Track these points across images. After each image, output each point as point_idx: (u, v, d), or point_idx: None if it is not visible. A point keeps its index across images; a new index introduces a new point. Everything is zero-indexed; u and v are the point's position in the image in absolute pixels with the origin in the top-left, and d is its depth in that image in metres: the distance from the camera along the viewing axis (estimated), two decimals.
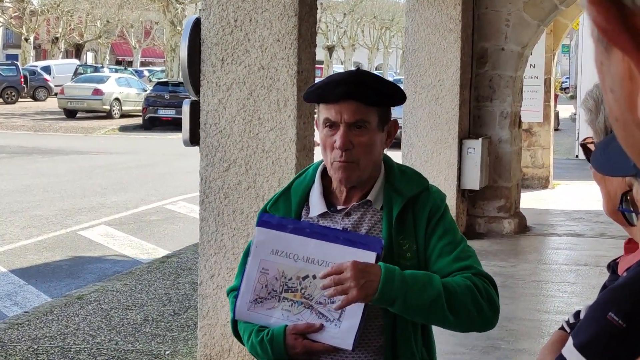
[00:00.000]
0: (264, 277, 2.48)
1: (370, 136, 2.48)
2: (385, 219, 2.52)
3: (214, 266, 5.46)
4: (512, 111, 11.02)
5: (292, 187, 2.63)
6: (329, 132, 2.48)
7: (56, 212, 13.21)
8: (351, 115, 2.45)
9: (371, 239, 2.45)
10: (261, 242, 2.50)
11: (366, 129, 2.47)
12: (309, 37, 5.42)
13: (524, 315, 7.43)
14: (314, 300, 2.43)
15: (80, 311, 7.64)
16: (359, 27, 69.86)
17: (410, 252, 2.50)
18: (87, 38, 59.85)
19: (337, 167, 2.48)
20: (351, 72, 2.54)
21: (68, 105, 33.86)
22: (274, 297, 2.46)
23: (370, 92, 2.47)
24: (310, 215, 2.57)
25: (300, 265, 2.45)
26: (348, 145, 2.45)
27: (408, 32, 10.41)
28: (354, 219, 2.53)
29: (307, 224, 2.50)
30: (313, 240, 2.45)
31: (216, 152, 5.39)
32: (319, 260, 2.44)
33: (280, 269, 2.47)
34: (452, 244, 2.51)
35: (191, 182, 16.35)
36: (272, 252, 2.48)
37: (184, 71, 5.45)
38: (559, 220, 12.40)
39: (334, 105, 2.46)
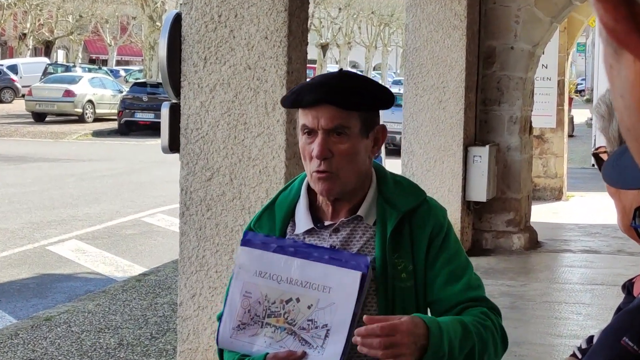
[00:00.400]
0: (247, 301, 2.48)
1: (352, 143, 2.46)
2: (379, 236, 2.50)
3: (195, 285, 5.45)
4: (522, 116, 11.04)
5: (277, 202, 2.62)
6: (307, 140, 2.47)
7: (23, 225, 13.19)
8: (329, 121, 2.43)
9: (357, 257, 2.45)
10: (244, 263, 2.51)
11: (347, 136, 2.45)
12: (299, 34, 5.43)
13: (535, 339, 7.43)
14: (297, 325, 2.43)
15: (49, 334, 7.62)
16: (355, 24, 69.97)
17: (406, 272, 2.50)
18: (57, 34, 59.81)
19: (316, 179, 2.47)
20: (331, 74, 2.54)
21: (36, 107, 33.84)
22: (257, 322, 2.47)
23: (350, 95, 2.45)
24: (296, 232, 2.56)
25: (284, 288, 2.45)
26: (326, 154, 2.43)
27: (409, 29, 10.43)
28: (343, 235, 2.52)
29: (291, 242, 2.50)
30: (296, 260, 2.45)
31: (198, 160, 5.39)
32: (302, 282, 2.44)
33: (264, 292, 2.47)
34: (459, 269, 2.53)
35: (171, 193, 16.33)
36: (256, 274, 2.49)
37: (163, 71, 5.45)
38: (573, 235, 12.42)
39: (310, 110, 2.44)
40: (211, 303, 5.43)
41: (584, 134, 30.87)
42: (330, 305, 2.41)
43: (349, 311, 2.40)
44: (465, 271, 2.54)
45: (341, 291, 2.41)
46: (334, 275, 2.40)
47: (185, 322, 5.50)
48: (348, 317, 2.40)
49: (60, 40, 62.50)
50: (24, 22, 55.21)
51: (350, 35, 68.60)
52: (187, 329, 5.50)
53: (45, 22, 57.98)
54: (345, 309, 2.41)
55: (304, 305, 2.42)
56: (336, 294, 2.42)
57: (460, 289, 2.50)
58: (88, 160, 22.59)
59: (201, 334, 5.47)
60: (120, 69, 55.40)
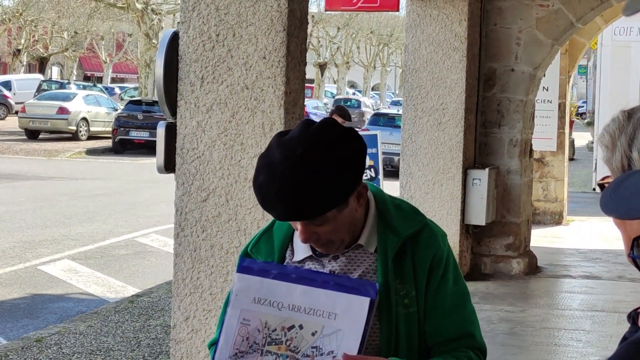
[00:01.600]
0: (245, 328, 2.47)
1: (335, 222, 2.41)
2: (381, 262, 2.50)
3: (189, 307, 5.45)
4: (523, 139, 11.07)
5: (275, 227, 2.62)
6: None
7: (14, 244, 13.17)
8: (303, 227, 2.40)
9: (364, 283, 2.45)
10: (241, 290, 2.49)
11: (328, 222, 2.40)
12: (298, 54, 5.44)
13: None
14: (301, 352, 2.43)
15: (39, 356, 7.60)
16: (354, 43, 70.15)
17: (409, 298, 2.50)
18: (52, 50, 59.92)
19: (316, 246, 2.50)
20: (283, 179, 2.32)
21: (30, 124, 33.86)
22: (256, 350, 2.45)
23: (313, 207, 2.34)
24: (295, 259, 2.56)
25: (286, 315, 2.45)
26: (313, 237, 2.43)
27: (408, 49, 10.46)
28: (343, 261, 2.52)
29: (292, 269, 2.50)
30: (299, 287, 2.44)
31: (194, 180, 5.39)
32: (305, 309, 2.43)
33: (263, 319, 2.46)
34: (456, 302, 2.53)
35: (165, 213, 16.34)
36: (254, 301, 2.47)
37: (159, 90, 5.45)
38: (573, 260, 12.42)
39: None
40: (205, 326, 5.42)
41: (584, 158, 30.90)
42: (337, 331, 2.40)
43: (357, 337, 2.40)
44: (463, 304, 2.53)
45: (348, 317, 2.40)
46: (340, 301, 2.40)
47: (178, 345, 5.49)
48: (356, 343, 2.40)
49: (55, 57, 62.61)
50: (18, 37, 55.30)
51: (349, 55, 68.76)
52: (180, 352, 5.49)
53: (40, 38, 58.09)
54: (352, 335, 2.40)
55: (307, 332, 2.41)
56: (343, 320, 2.41)
57: (455, 323, 2.51)
58: (81, 178, 22.59)
59: (194, 357, 5.46)
60: (115, 87, 55.47)
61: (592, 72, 42.99)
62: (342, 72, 68.02)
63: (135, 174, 24.17)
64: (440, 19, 10.27)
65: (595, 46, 23.02)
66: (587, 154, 31.68)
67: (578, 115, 51.18)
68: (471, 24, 10.35)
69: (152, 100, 33.01)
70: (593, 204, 19.08)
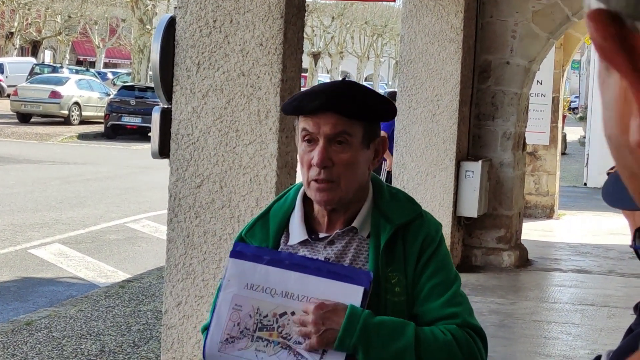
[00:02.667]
0: (237, 314, 2.48)
1: (353, 153, 2.46)
2: (372, 249, 2.50)
3: (181, 293, 5.45)
4: (516, 132, 11.08)
5: (271, 211, 2.62)
6: (307, 147, 2.47)
7: (4, 227, 13.15)
8: (331, 128, 2.43)
9: (359, 272, 2.45)
10: (234, 275, 2.50)
11: (348, 145, 2.45)
12: (295, 42, 5.44)
13: (523, 358, 7.45)
14: (293, 339, 2.43)
15: (29, 339, 7.59)
16: (348, 33, 70.09)
17: (399, 286, 2.49)
18: (45, 34, 59.71)
19: (315, 188, 2.47)
20: (335, 82, 2.55)
21: (22, 108, 33.76)
22: (247, 336, 2.46)
23: (354, 104, 2.45)
24: (290, 243, 2.56)
25: (278, 301, 2.45)
26: (327, 163, 2.44)
27: (404, 40, 10.45)
28: (338, 248, 2.52)
29: (285, 255, 2.50)
30: (293, 273, 2.45)
31: (188, 166, 5.39)
32: (299, 296, 2.44)
33: (255, 305, 2.47)
34: (443, 284, 2.51)
35: (156, 199, 16.33)
36: (247, 287, 2.48)
37: (155, 75, 5.45)
38: (564, 254, 12.45)
39: (312, 117, 2.45)
40: (197, 312, 5.43)
41: (576, 152, 30.97)
42: None
43: None
44: (450, 288, 2.52)
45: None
46: (334, 290, 2.41)
47: (169, 330, 5.49)
48: None
49: (48, 41, 62.40)
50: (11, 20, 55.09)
51: (343, 45, 68.70)
52: (171, 338, 5.49)
53: (33, 21, 57.89)
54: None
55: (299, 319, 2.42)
56: None
57: (440, 304, 2.49)
58: (73, 163, 22.54)
59: (186, 343, 5.46)
60: (108, 72, 55.33)
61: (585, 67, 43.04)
62: (335, 62, 67.97)
63: (127, 160, 24.13)
64: (436, 10, 10.26)
65: (590, 41, 23.00)
66: (578, 149, 31.73)
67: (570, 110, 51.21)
68: (467, 15, 10.34)
69: (145, 86, 32.97)
70: (584, 199, 19.13)
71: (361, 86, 2.55)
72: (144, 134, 30.73)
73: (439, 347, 2.40)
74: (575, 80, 59.38)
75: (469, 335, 2.45)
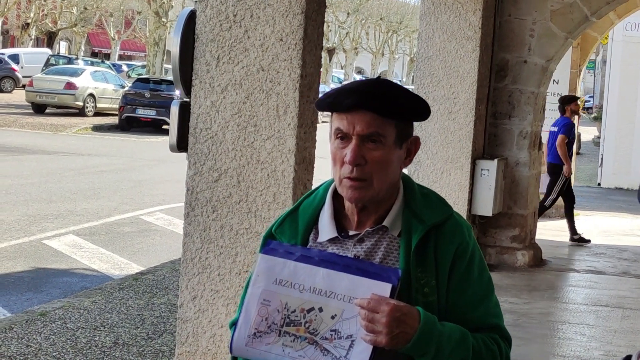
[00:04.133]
0: (265, 309, 2.48)
1: (386, 152, 2.45)
2: (403, 248, 2.49)
3: (197, 287, 5.44)
4: (532, 131, 11.04)
5: (300, 208, 2.61)
6: (340, 145, 2.47)
7: (19, 217, 13.18)
8: (365, 127, 2.43)
9: (387, 269, 2.44)
10: (264, 271, 2.50)
11: (381, 144, 2.44)
12: (315, 37, 5.42)
13: (537, 358, 7.43)
14: (320, 335, 2.42)
15: (43, 329, 7.61)
16: (363, 29, 70.05)
17: (429, 287, 2.48)
18: (61, 25, 59.84)
19: (347, 185, 2.46)
20: (369, 80, 2.52)
21: (37, 99, 33.84)
22: (274, 330, 2.46)
23: (388, 103, 2.44)
24: (319, 240, 2.55)
25: (306, 297, 2.45)
26: (360, 161, 2.43)
27: (421, 37, 10.42)
28: (367, 245, 2.51)
29: (315, 252, 2.49)
30: (322, 270, 2.44)
31: (206, 160, 5.38)
32: (326, 292, 2.43)
33: (284, 300, 2.47)
34: (482, 293, 2.52)
35: (170, 192, 16.35)
36: (276, 282, 2.48)
37: (174, 69, 5.44)
38: (578, 254, 12.42)
39: (346, 115, 2.44)
40: (212, 306, 5.42)
41: (590, 152, 30.89)
42: (356, 316, 2.40)
43: None
44: (487, 296, 2.53)
45: None
46: (362, 286, 2.40)
47: (184, 324, 5.48)
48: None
49: (63, 32, 62.54)
50: (27, 11, 55.24)
51: (358, 41, 68.67)
52: (186, 332, 5.48)
53: (49, 12, 58.02)
54: None
55: (327, 315, 2.42)
56: None
57: (480, 314, 2.50)
58: (87, 154, 22.58)
59: (200, 337, 5.45)
60: (123, 64, 55.41)
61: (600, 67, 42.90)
62: (350, 57, 67.94)
63: (141, 152, 24.17)
64: (454, 7, 10.22)
65: (606, 41, 22.94)
66: (593, 149, 31.66)
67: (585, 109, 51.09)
68: (486, 13, 10.31)
69: (159, 79, 33.01)
70: (598, 199, 19.09)
71: (396, 85, 2.53)
72: (158, 126, 30.78)
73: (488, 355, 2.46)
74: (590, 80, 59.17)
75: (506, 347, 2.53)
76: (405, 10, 70.21)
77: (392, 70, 76.48)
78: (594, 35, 15.52)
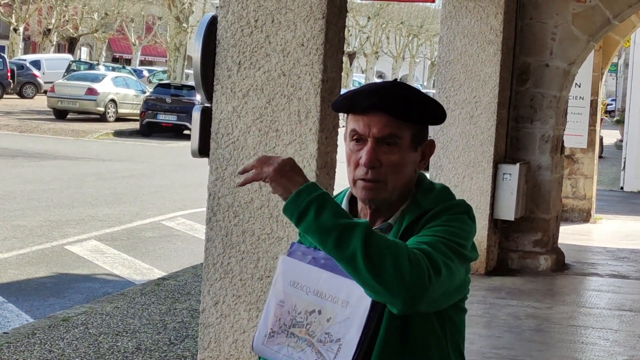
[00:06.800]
0: (280, 309, 2.53)
1: (402, 155, 2.45)
2: (395, 229, 2.49)
3: (219, 292, 5.45)
4: (555, 135, 11.00)
5: None
6: (355, 147, 2.47)
7: (41, 223, 13.24)
8: (381, 129, 2.43)
9: None
10: (282, 272, 2.55)
11: (397, 147, 2.45)
12: (336, 42, 5.42)
13: None
14: (316, 337, 2.47)
15: (66, 335, 7.63)
16: (383, 33, 70.04)
17: None
18: (82, 31, 60.16)
19: (361, 186, 2.47)
20: (387, 82, 2.53)
21: (58, 104, 34.02)
22: (284, 331, 2.52)
23: (405, 106, 2.45)
24: None
25: (310, 299, 2.49)
26: (375, 163, 2.43)
27: (442, 41, 10.41)
28: None
29: (322, 254, 2.50)
30: (325, 273, 2.48)
31: (227, 166, 5.39)
32: (326, 295, 2.48)
33: (294, 302, 2.52)
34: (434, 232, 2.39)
35: (191, 197, 16.39)
36: (290, 284, 2.53)
37: (196, 74, 5.46)
38: (601, 259, 12.36)
39: (362, 116, 2.44)
40: (234, 311, 5.43)
41: (613, 156, 30.75)
42: (345, 320, 2.43)
43: (358, 327, 2.42)
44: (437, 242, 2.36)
45: (358, 308, 2.43)
46: (352, 290, 2.42)
47: (207, 329, 5.49)
48: (357, 333, 2.42)
49: (85, 38, 62.87)
50: (48, 17, 55.56)
51: (378, 45, 68.67)
52: (208, 337, 5.49)
53: (70, 18, 58.34)
54: (355, 324, 2.42)
55: (323, 318, 2.46)
56: (352, 310, 2.43)
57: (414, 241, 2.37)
58: (108, 160, 22.67)
59: (223, 342, 5.46)
60: (144, 69, 55.61)
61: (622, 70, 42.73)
62: (370, 62, 67.94)
63: (162, 157, 24.24)
64: (476, 11, 10.21)
65: (628, 44, 22.85)
66: (615, 152, 31.52)
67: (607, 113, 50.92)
68: (507, 17, 10.29)
69: (180, 84, 33.11)
70: (621, 203, 19.00)
71: (413, 88, 2.53)
72: (179, 131, 30.87)
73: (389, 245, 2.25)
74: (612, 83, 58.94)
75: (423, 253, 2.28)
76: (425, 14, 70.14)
77: (413, 74, 76.42)
78: (616, 39, 15.45)
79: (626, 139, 22.23)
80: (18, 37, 51.46)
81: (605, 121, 39.24)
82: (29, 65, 44.50)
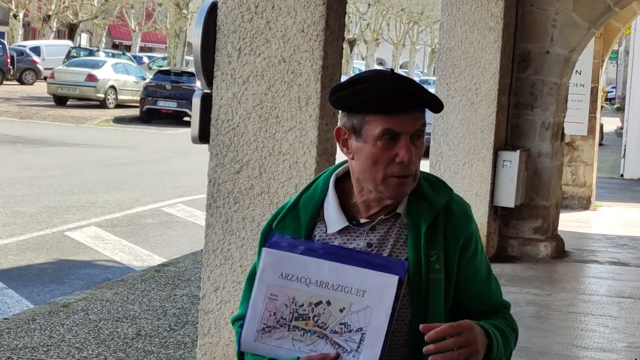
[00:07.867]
0: (273, 303, 2.47)
1: (423, 143, 2.51)
2: (412, 231, 2.51)
3: (219, 278, 5.46)
4: (555, 122, 11.00)
5: (301, 202, 2.59)
6: (387, 145, 2.45)
7: (41, 209, 13.25)
8: (416, 124, 2.46)
9: (393, 261, 2.45)
10: (268, 265, 2.48)
11: (422, 137, 2.50)
12: (336, 29, 5.42)
13: (560, 350, 7.41)
14: (329, 329, 2.42)
15: (66, 321, 7.65)
16: (384, 20, 69.92)
17: (439, 263, 2.51)
18: (82, 17, 60.05)
19: (395, 183, 2.46)
20: (399, 75, 2.51)
21: (58, 91, 34.00)
22: (283, 325, 2.46)
23: (433, 98, 2.49)
24: (329, 232, 2.54)
25: (313, 291, 2.44)
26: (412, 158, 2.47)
27: (443, 28, 10.40)
28: (380, 233, 2.52)
29: (319, 245, 2.49)
30: (327, 263, 2.44)
31: (227, 152, 5.39)
32: (333, 285, 2.43)
33: (291, 294, 2.46)
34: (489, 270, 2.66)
35: (191, 183, 16.39)
36: (282, 276, 2.47)
37: (196, 60, 5.45)
38: (600, 246, 12.37)
39: (399, 116, 2.44)
40: (234, 297, 5.43)
41: (613, 143, 30.76)
42: (365, 308, 2.40)
43: (385, 315, 2.39)
44: (491, 272, 2.67)
45: (377, 295, 2.40)
46: (369, 279, 2.40)
47: (207, 315, 5.50)
48: (385, 321, 2.39)
49: (84, 24, 62.75)
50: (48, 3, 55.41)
51: (378, 32, 68.56)
52: (208, 323, 5.51)
53: (70, 4, 58.22)
54: (381, 313, 2.39)
55: (335, 309, 2.41)
56: (371, 298, 2.40)
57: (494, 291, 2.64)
58: (108, 146, 22.67)
59: (223, 328, 5.47)
60: (144, 56, 55.54)
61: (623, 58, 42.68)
62: (371, 48, 67.84)
63: (162, 144, 24.24)
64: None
65: (629, 31, 22.81)
66: (615, 140, 31.52)
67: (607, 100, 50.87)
68: (507, 4, 10.27)
69: (180, 71, 33.08)
70: (621, 190, 19.01)
71: (410, 79, 2.58)
72: (179, 118, 30.86)
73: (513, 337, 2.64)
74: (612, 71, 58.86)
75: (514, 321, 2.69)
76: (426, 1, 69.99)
77: (413, 61, 76.32)
78: (617, 26, 15.42)
79: (626, 127, 22.22)
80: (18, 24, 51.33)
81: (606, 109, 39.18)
82: (29, 51, 44.46)
